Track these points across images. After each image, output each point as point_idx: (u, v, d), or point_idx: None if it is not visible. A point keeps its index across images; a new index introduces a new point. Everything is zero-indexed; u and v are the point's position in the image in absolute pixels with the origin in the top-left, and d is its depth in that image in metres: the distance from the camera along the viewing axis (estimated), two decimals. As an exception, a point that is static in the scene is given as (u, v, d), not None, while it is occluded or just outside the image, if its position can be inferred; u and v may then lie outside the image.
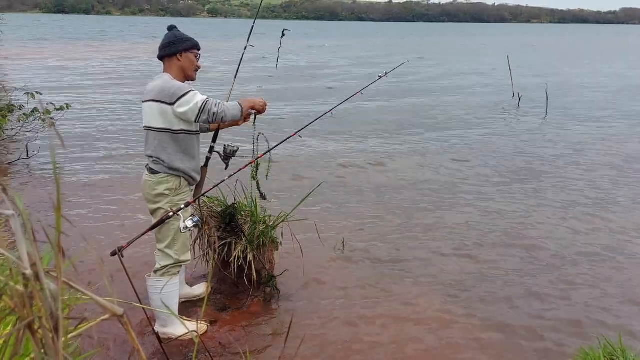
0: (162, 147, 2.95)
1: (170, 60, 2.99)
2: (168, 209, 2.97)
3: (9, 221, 0.52)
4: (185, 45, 2.99)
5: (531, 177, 6.98)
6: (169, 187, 2.99)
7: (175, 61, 2.99)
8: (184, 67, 3.00)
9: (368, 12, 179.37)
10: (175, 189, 3.01)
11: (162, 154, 2.95)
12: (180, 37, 3.01)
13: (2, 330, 0.99)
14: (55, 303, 0.54)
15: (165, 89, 2.87)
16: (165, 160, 2.95)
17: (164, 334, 3.14)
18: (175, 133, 2.95)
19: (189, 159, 3.04)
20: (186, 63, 3.01)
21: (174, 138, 2.96)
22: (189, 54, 3.01)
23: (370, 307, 3.72)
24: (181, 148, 2.99)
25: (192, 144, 3.06)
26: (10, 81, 13.33)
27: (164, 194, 2.99)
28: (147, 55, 24.58)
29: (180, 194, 3.04)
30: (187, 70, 3.02)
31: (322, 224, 4.91)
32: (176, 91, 2.86)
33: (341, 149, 8.34)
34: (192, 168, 3.07)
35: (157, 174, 2.98)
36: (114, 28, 62.22)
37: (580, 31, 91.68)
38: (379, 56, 29.50)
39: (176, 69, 2.99)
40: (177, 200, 3.02)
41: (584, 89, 16.47)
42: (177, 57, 2.98)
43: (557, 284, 4.12)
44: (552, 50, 37.74)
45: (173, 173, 2.99)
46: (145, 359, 0.62)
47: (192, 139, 3.04)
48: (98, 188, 6.10)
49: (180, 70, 3.00)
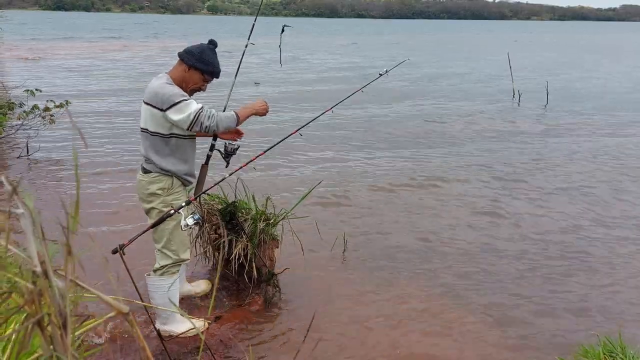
0: (154, 149, 2.95)
1: (181, 65, 2.97)
2: (161, 209, 2.98)
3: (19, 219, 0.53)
4: (201, 67, 2.95)
5: (534, 175, 7.00)
6: (161, 186, 2.99)
7: (184, 69, 2.96)
8: (186, 80, 2.97)
9: (368, 9, 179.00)
10: (167, 189, 3.01)
11: (153, 156, 2.96)
12: (205, 59, 2.95)
13: (8, 328, 1.00)
14: (63, 300, 0.55)
15: (159, 93, 2.84)
16: (156, 161, 2.95)
17: (165, 331, 3.16)
18: (166, 137, 2.94)
19: (181, 163, 3.02)
20: (191, 78, 2.97)
21: (165, 142, 2.95)
22: (199, 74, 2.97)
23: (370, 305, 3.73)
24: (173, 151, 2.98)
25: (185, 148, 3.03)
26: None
27: (156, 194, 2.99)
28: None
29: (172, 193, 3.03)
30: (187, 84, 2.98)
31: (322, 221, 4.92)
32: (169, 98, 2.82)
33: (343, 147, 8.34)
34: (183, 171, 3.05)
35: (149, 174, 2.99)
36: (130, 25, 61.82)
37: (573, 29, 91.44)
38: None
39: (179, 75, 2.97)
40: (170, 200, 3.02)
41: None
42: (187, 67, 2.95)
43: (557, 282, 4.13)
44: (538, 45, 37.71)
45: (165, 173, 2.99)
46: (151, 357, 0.63)
47: (184, 143, 3.01)
48: (101, 184, 6.11)
49: (182, 79, 2.97)
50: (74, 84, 14.57)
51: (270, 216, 3.82)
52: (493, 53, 28.71)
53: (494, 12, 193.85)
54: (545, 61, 25.19)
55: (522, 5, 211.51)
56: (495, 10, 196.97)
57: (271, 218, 3.82)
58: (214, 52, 3.04)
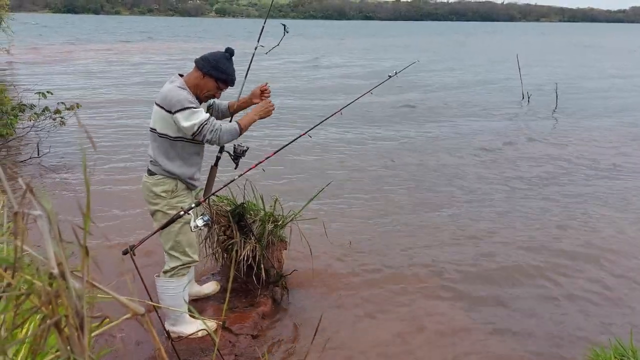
0: (160, 151, 2.97)
1: (197, 71, 2.98)
2: (166, 211, 3.00)
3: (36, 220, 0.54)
4: (216, 75, 2.95)
5: (544, 179, 6.95)
6: (165, 189, 3.00)
7: (199, 76, 2.96)
8: (200, 86, 2.97)
9: (376, 11, 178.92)
10: (172, 191, 3.01)
11: (159, 157, 2.97)
12: (220, 67, 2.96)
13: (24, 329, 1.01)
14: (80, 302, 0.55)
15: (169, 96, 2.86)
16: (161, 163, 2.96)
17: (174, 332, 3.17)
18: (173, 140, 2.95)
19: (187, 166, 3.03)
20: (205, 85, 2.97)
21: (172, 144, 2.96)
22: (214, 82, 2.97)
23: (379, 306, 3.72)
24: (179, 154, 2.99)
25: (191, 152, 3.03)
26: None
27: (161, 196, 3.00)
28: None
29: (177, 196, 3.03)
30: (201, 90, 2.98)
31: (330, 222, 4.92)
32: (177, 102, 2.82)
33: (350, 147, 8.34)
34: (188, 175, 3.05)
35: (154, 176, 3.00)
36: (152, 28, 62.11)
37: (576, 31, 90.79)
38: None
39: (194, 81, 2.97)
40: (175, 202, 3.02)
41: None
42: (202, 74, 2.96)
43: (567, 284, 4.10)
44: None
45: (169, 175, 3.00)
46: (166, 358, 0.63)
47: (191, 146, 3.02)
48: (112, 186, 6.14)
49: (197, 86, 2.97)
50: (86, 86, 14.69)
51: (279, 218, 3.83)
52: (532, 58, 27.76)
53: (503, 13, 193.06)
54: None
55: (531, 7, 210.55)
56: (504, 12, 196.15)
57: (279, 220, 3.82)
58: (230, 60, 3.04)
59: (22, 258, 0.60)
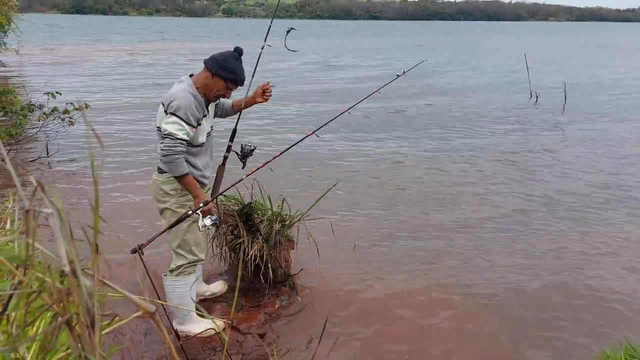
0: None
1: (206, 72, 2.98)
2: (174, 209, 3.00)
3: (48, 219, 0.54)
4: (225, 75, 2.95)
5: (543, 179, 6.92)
6: (174, 187, 3.00)
7: (208, 76, 2.96)
8: (209, 86, 2.97)
9: (382, 11, 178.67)
10: (180, 189, 3.01)
11: None
12: (228, 67, 2.96)
13: (35, 327, 1.01)
14: (91, 300, 0.55)
15: (171, 97, 2.87)
16: None
17: (182, 331, 3.18)
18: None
19: (193, 165, 3.03)
20: (214, 85, 2.97)
21: None
22: (223, 82, 2.97)
23: (388, 306, 3.71)
24: (186, 153, 2.99)
25: (197, 151, 3.03)
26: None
27: (169, 194, 3.01)
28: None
29: (186, 194, 3.03)
30: (210, 90, 2.98)
31: (338, 222, 4.91)
32: (177, 108, 2.82)
33: (357, 147, 8.33)
34: (197, 173, 3.04)
35: (164, 174, 3.00)
36: (165, 28, 62.26)
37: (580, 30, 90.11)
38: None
39: (204, 81, 2.97)
40: (184, 200, 3.03)
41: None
42: (211, 74, 2.96)
43: (578, 285, 4.07)
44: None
45: None
46: (177, 356, 0.63)
47: (191, 150, 3.00)
48: (119, 185, 6.17)
49: (206, 86, 2.98)
50: (96, 86, 14.77)
51: (286, 217, 3.83)
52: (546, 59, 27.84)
53: (510, 13, 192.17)
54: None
55: (539, 6, 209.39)
56: (511, 11, 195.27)
57: (287, 219, 3.82)
58: (238, 60, 3.04)
59: (33, 256, 0.60)
